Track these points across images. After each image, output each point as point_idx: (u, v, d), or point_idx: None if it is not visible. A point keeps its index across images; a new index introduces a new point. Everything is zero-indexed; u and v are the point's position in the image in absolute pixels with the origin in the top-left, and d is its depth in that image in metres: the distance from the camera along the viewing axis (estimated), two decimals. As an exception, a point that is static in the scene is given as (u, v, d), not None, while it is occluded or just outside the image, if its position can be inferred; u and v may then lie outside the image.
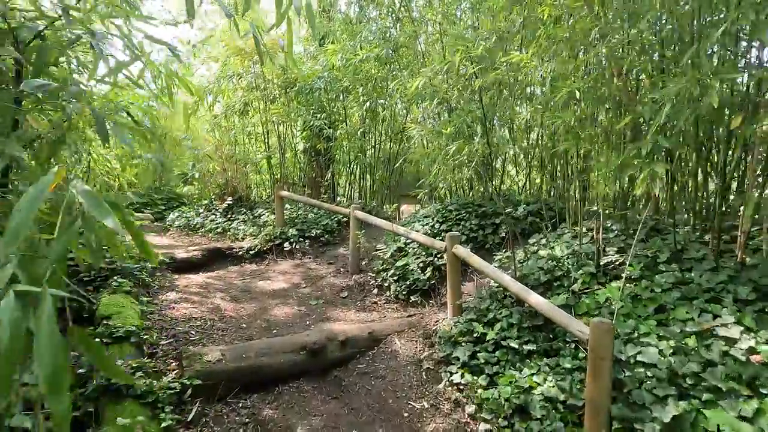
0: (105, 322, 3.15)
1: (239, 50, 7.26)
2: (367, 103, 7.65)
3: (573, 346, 2.94)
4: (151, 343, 3.27)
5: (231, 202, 8.12)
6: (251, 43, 7.03)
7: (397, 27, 7.66)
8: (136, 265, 4.26)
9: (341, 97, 8.44)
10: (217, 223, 7.66)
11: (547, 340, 3.12)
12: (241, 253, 6.03)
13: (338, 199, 8.93)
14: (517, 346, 3.09)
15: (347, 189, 9.28)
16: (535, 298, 2.87)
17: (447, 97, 5.16)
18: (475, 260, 3.61)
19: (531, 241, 4.46)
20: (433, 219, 5.61)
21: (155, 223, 10.68)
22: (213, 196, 8.53)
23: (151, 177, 12.79)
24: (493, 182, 5.36)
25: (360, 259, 5.57)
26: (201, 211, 8.37)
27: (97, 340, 2.88)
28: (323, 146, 8.20)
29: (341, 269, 5.64)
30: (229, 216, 7.88)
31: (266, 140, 8.63)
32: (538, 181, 6.31)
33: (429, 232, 5.34)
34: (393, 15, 7.73)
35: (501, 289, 3.68)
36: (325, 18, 9.52)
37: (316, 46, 9.40)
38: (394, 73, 7.73)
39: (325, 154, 8.47)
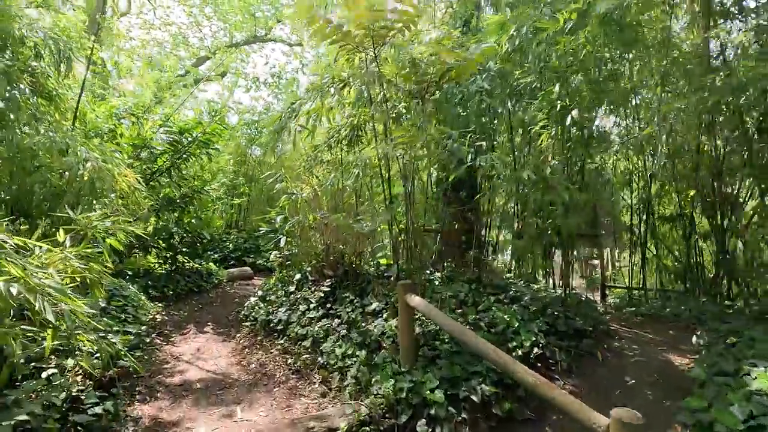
0: None
1: (340, 36, 4.22)
2: (574, 112, 3.96)
3: None
4: None
5: (333, 283, 5.15)
6: (360, 17, 3.93)
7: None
8: None
9: (510, 104, 4.89)
10: (307, 321, 4.71)
11: None
12: (326, 447, 2.84)
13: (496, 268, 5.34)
14: None
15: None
16: None
17: None
18: None
19: None
20: None
21: (252, 280, 8.40)
22: (309, 268, 5.67)
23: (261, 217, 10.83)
24: None
25: None
26: (292, 290, 5.56)
27: None
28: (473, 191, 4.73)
29: None
30: (327, 306, 4.89)
31: (386, 178, 5.46)
32: None
33: None
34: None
35: None
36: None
37: (458, 34, 6.01)
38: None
39: (478, 206, 4.99)
